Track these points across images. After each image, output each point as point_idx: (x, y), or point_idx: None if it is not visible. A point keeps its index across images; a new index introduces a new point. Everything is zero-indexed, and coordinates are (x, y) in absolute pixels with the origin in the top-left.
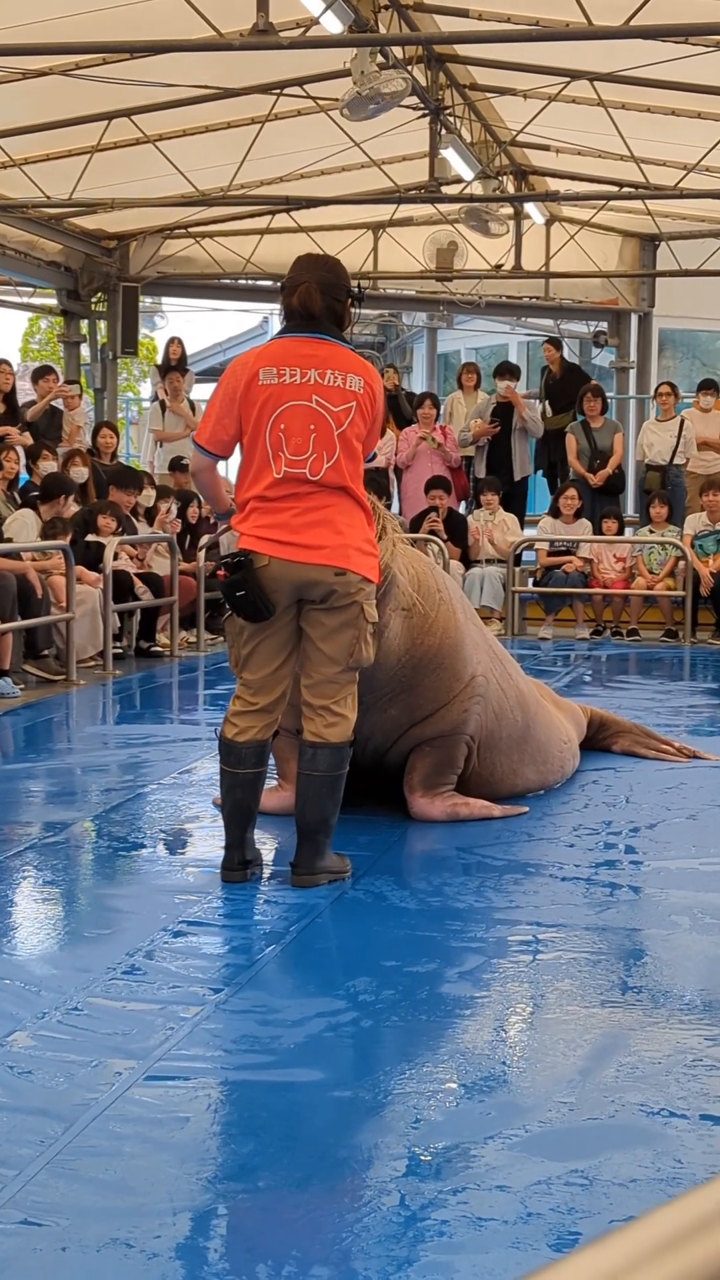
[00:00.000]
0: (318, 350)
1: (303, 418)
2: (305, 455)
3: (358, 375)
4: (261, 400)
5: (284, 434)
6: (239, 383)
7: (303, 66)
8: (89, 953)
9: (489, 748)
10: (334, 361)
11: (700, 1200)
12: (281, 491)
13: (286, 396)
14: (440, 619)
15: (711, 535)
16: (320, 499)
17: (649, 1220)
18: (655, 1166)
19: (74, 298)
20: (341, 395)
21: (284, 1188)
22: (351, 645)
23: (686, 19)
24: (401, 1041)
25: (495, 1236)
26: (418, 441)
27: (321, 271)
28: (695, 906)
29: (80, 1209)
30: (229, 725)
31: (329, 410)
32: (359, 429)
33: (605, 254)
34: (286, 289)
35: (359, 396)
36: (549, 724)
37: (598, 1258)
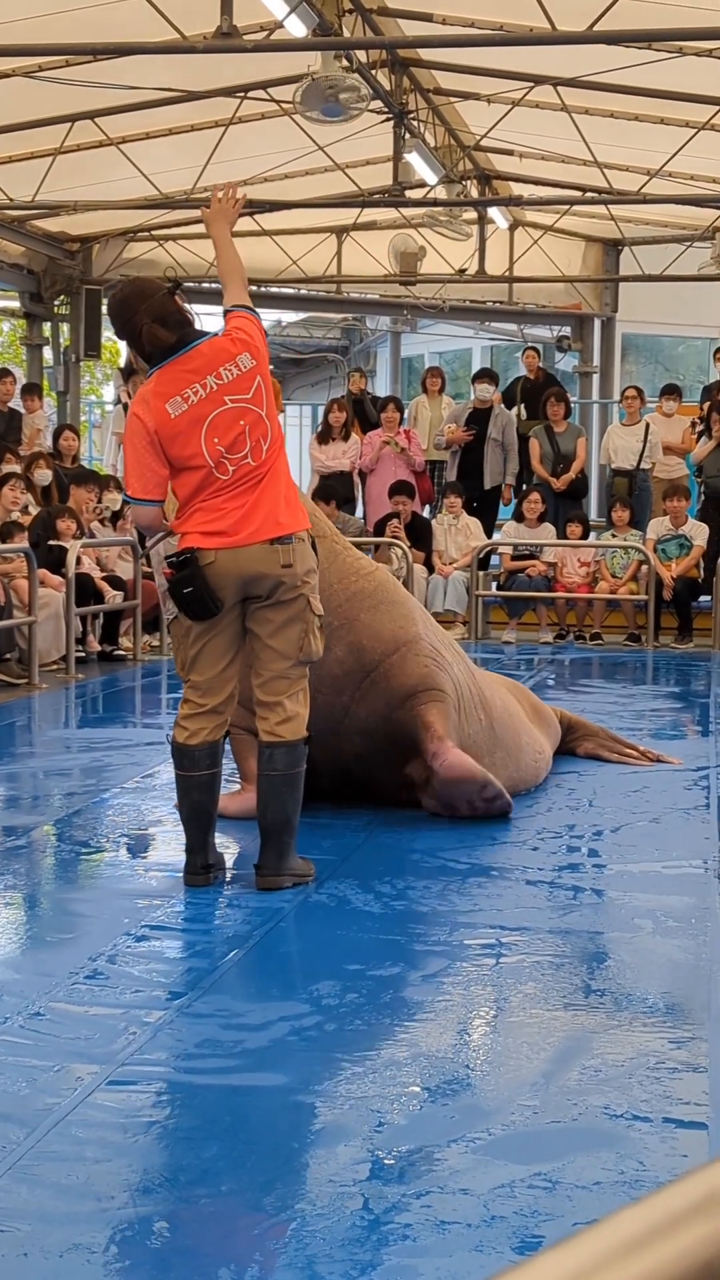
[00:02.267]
0: (197, 359)
1: (229, 420)
2: (244, 450)
3: (242, 352)
4: (183, 428)
5: (219, 443)
6: (149, 427)
7: (266, 70)
8: (51, 957)
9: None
10: (219, 358)
11: (664, 1201)
12: (230, 489)
13: (205, 411)
14: (377, 575)
15: (674, 539)
16: (259, 486)
17: (612, 1221)
18: (618, 1169)
19: (36, 300)
20: (245, 380)
21: (247, 1192)
22: (300, 639)
23: (649, 24)
24: (365, 1045)
25: (458, 1239)
26: (381, 446)
27: (142, 302)
28: (658, 910)
29: (42, 1214)
30: (180, 729)
31: (244, 400)
32: (267, 389)
33: (569, 259)
34: (130, 339)
35: (254, 369)
36: (517, 728)
37: (561, 1260)
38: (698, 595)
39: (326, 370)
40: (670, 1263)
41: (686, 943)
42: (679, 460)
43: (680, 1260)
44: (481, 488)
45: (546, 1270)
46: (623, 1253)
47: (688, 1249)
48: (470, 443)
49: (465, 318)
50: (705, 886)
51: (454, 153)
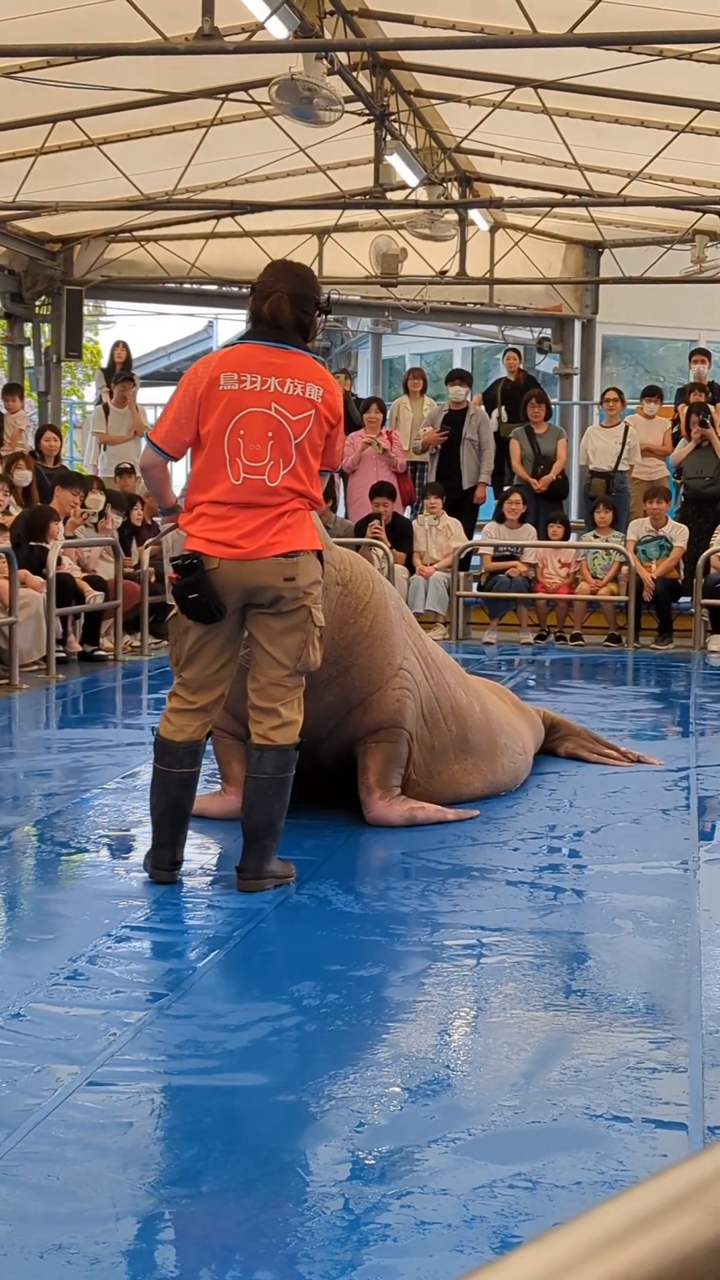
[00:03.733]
0: (279, 359)
1: (261, 424)
2: (263, 462)
3: (317, 385)
4: (222, 405)
5: (242, 439)
6: (200, 385)
7: (248, 71)
8: (31, 958)
9: (425, 757)
10: (294, 370)
11: (641, 1197)
12: (237, 498)
13: (246, 403)
14: (374, 602)
15: (654, 541)
16: (273, 509)
17: (589, 1217)
18: (598, 1169)
19: (18, 300)
20: (300, 404)
21: (227, 1192)
22: (299, 649)
23: (629, 28)
24: (345, 1046)
25: (438, 1240)
26: (363, 446)
27: (295, 282)
28: (638, 910)
29: (22, 1215)
30: (166, 724)
31: (287, 419)
32: (315, 439)
33: (549, 261)
34: (258, 294)
35: (317, 405)
36: (494, 733)
37: (538, 1255)
38: (678, 596)
39: None
40: (647, 1258)
41: (666, 943)
42: (659, 462)
43: (657, 1255)
44: (460, 488)
45: (523, 1266)
46: (600, 1248)
47: (665, 1244)
48: (447, 444)
49: (446, 319)
50: (685, 887)
51: (435, 155)
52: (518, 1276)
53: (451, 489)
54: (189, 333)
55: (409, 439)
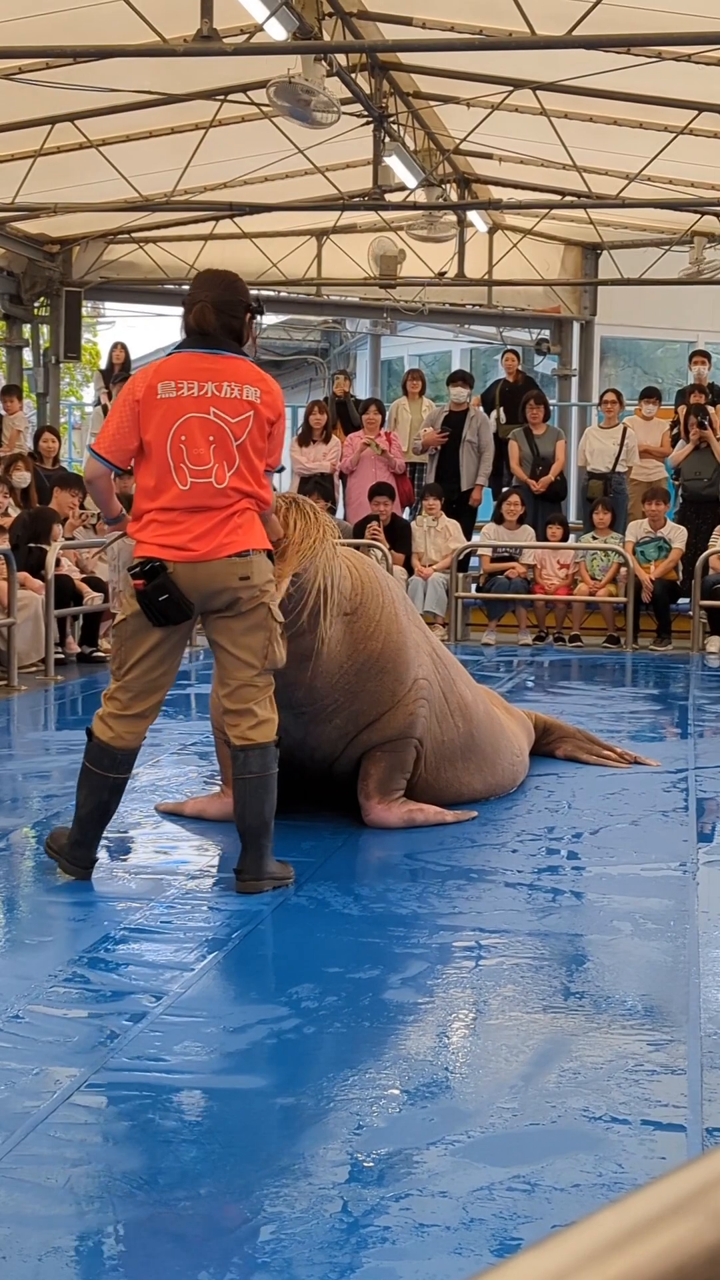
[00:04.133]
0: (214, 364)
1: (202, 429)
2: (208, 465)
3: (254, 386)
4: (161, 412)
5: (185, 445)
6: (139, 394)
7: (247, 73)
8: (31, 960)
9: (433, 754)
10: (230, 374)
11: (639, 1204)
12: (187, 504)
13: (185, 409)
14: (383, 622)
15: (653, 542)
16: (222, 511)
17: (587, 1224)
18: (597, 1171)
19: (16, 302)
20: (238, 406)
21: (226, 1195)
22: (264, 648)
23: (628, 29)
24: (344, 1048)
25: (437, 1242)
26: (362, 447)
27: (218, 290)
28: (637, 912)
29: (21, 1217)
30: (104, 727)
31: (227, 422)
32: (257, 439)
33: (548, 262)
34: (185, 305)
35: (256, 406)
36: (496, 734)
37: (535, 1262)
38: (676, 598)
39: (306, 372)
40: (644, 1265)
41: (665, 945)
42: (658, 463)
43: (655, 1263)
44: (459, 489)
45: (521, 1273)
46: (598, 1255)
47: (662, 1251)
48: (446, 445)
49: (445, 320)
50: (684, 889)
51: (433, 156)
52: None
53: (451, 490)
54: None
55: (408, 440)
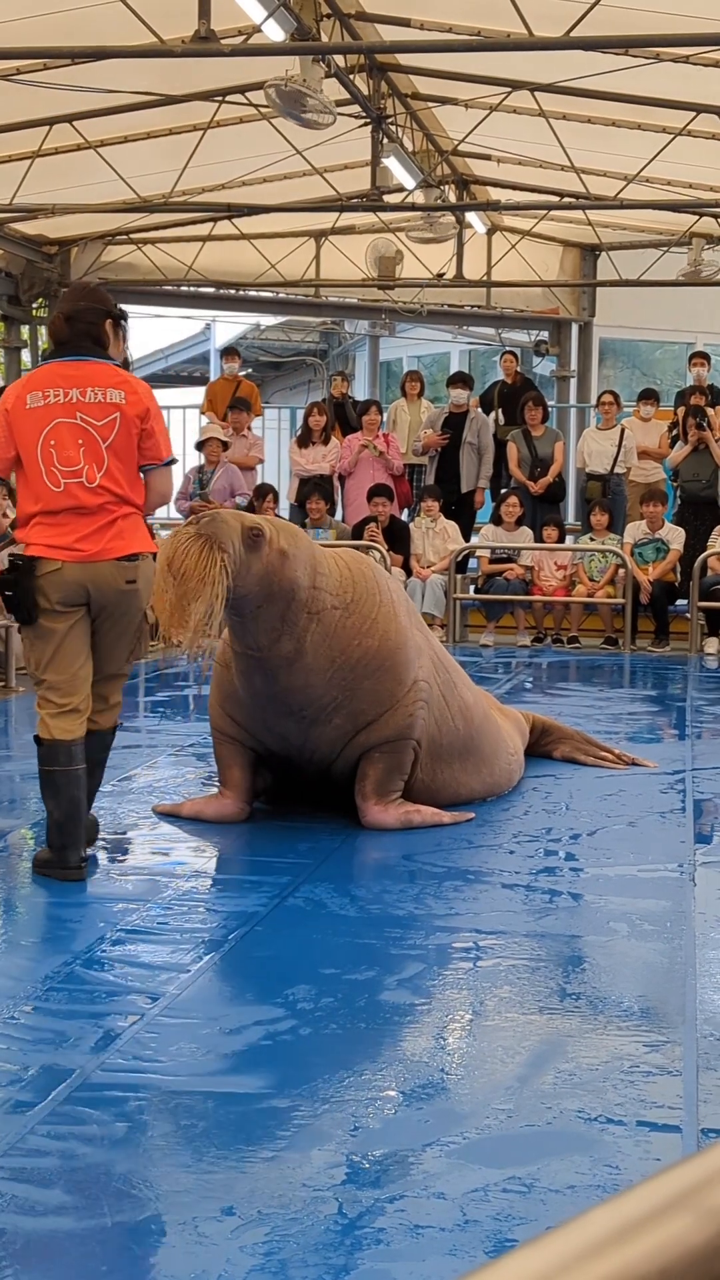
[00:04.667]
0: (78, 370)
1: (70, 433)
2: (77, 466)
3: (118, 389)
4: (31, 421)
5: (54, 449)
6: (9, 408)
7: (244, 74)
8: (27, 961)
9: (431, 755)
10: (94, 380)
11: (625, 1206)
12: (64, 504)
13: (53, 415)
14: (380, 620)
15: (651, 543)
16: (104, 514)
17: (580, 1222)
18: (593, 1173)
19: (15, 303)
20: (103, 409)
21: (221, 1196)
22: (134, 644)
23: (626, 30)
24: (340, 1049)
25: (433, 1244)
26: (360, 449)
27: (74, 301)
28: (634, 913)
29: (16, 1218)
30: (48, 729)
31: (93, 424)
32: (125, 440)
33: (546, 263)
34: (50, 317)
35: (121, 408)
36: (495, 736)
37: (522, 1262)
38: (674, 599)
39: (305, 374)
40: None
41: (662, 946)
42: (656, 465)
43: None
44: (459, 491)
45: (513, 1271)
46: (589, 1253)
47: (653, 1249)
48: (446, 447)
49: (443, 322)
50: (681, 890)
51: (432, 157)
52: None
53: (451, 492)
54: (186, 335)
55: (406, 442)
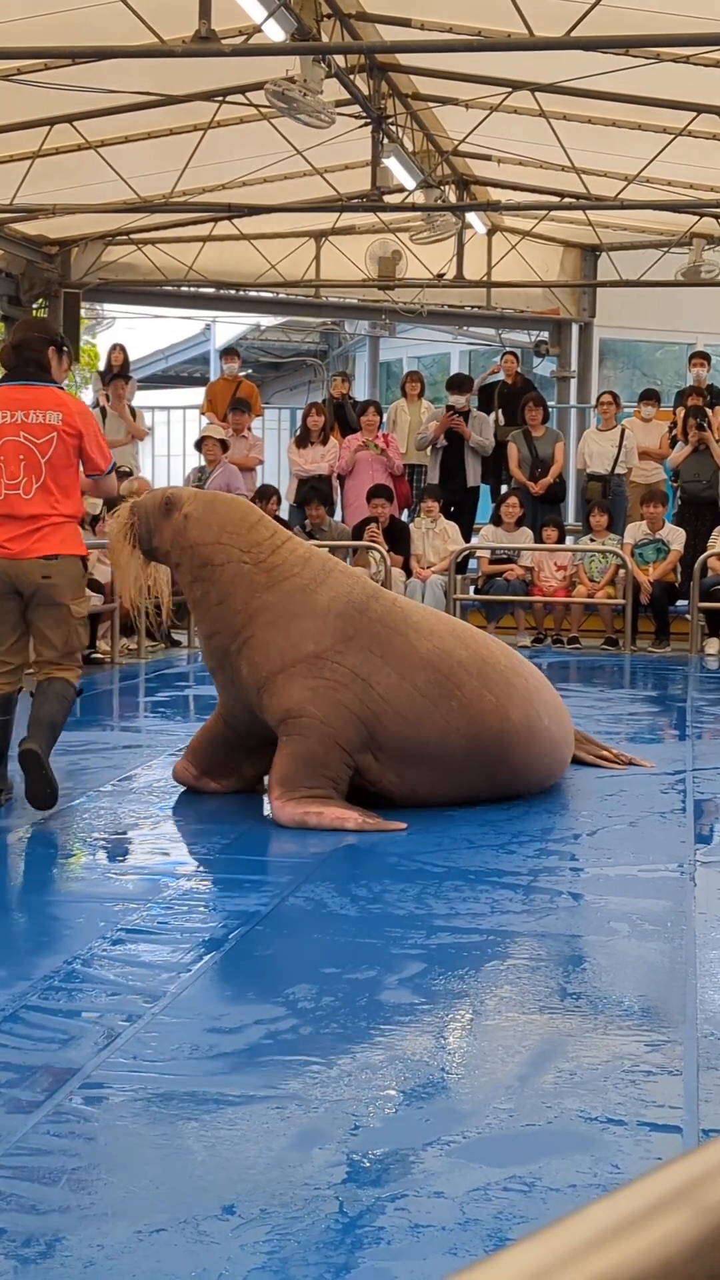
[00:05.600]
0: (25, 394)
1: (14, 450)
2: (18, 479)
3: (56, 411)
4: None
5: (2, 464)
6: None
7: (245, 74)
8: (27, 961)
9: (409, 763)
10: (37, 403)
11: (627, 1199)
12: (3, 511)
13: (4, 434)
14: (286, 585)
15: (651, 544)
16: (34, 521)
17: (578, 1217)
18: (593, 1172)
19: (15, 303)
20: (43, 430)
21: (222, 1195)
22: (66, 635)
23: (626, 31)
24: (341, 1048)
25: (433, 1243)
26: (358, 448)
27: (20, 333)
28: (634, 913)
29: (16, 1217)
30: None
31: (34, 442)
32: (62, 455)
33: (546, 264)
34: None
35: (58, 428)
36: (526, 747)
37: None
38: (675, 600)
39: (305, 374)
40: (632, 1258)
41: (662, 946)
42: (656, 465)
43: (642, 1256)
44: (464, 488)
45: (511, 1266)
46: (586, 1249)
47: (650, 1245)
48: (449, 446)
49: (443, 322)
50: (681, 890)
51: (432, 158)
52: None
53: (454, 489)
54: (186, 335)
55: (406, 442)
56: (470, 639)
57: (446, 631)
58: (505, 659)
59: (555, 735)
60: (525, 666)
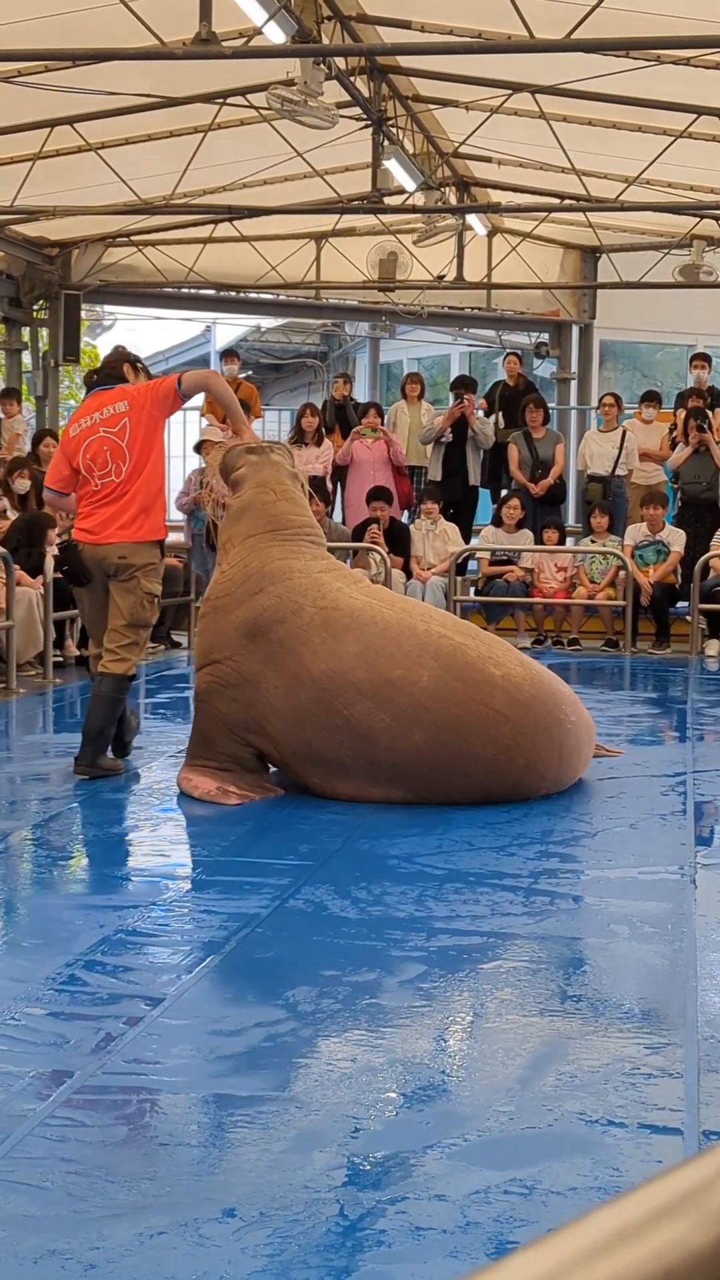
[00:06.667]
0: (99, 397)
1: (99, 445)
2: (107, 469)
3: (121, 400)
4: (75, 446)
5: (91, 462)
6: (64, 439)
7: (245, 76)
8: (27, 963)
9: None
10: (107, 400)
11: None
12: (96, 499)
13: (85, 437)
14: (219, 603)
15: (651, 545)
16: (120, 502)
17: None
18: (594, 1175)
19: (16, 305)
20: (115, 419)
21: (222, 1198)
22: (134, 607)
23: (627, 33)
24: (341, 1051)
25: (434, 1246)
26: (354, 438)
27: (105, 359)
28: (634, 915)
29: (16, 1220)
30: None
31: (111, 431)
32: (139, 432)
33: (547, 265)
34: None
35: (125, 412)
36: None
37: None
38: (675, 601)
39: (305, 375)
40: (636, 1265)
41: (663, 948)
42: (657, 467)
43: (646, 1263)
44: (465, 486)
45: (514, 1273)
46: (589, 1256)
47: (654, 1252)
48: (451, 445)
49: (444, 324)
50: (681, 892)
51: (432, 159)
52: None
53: (456, 489)
54: (187, 337)
55: (407, 443)
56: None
57: (353, 655)
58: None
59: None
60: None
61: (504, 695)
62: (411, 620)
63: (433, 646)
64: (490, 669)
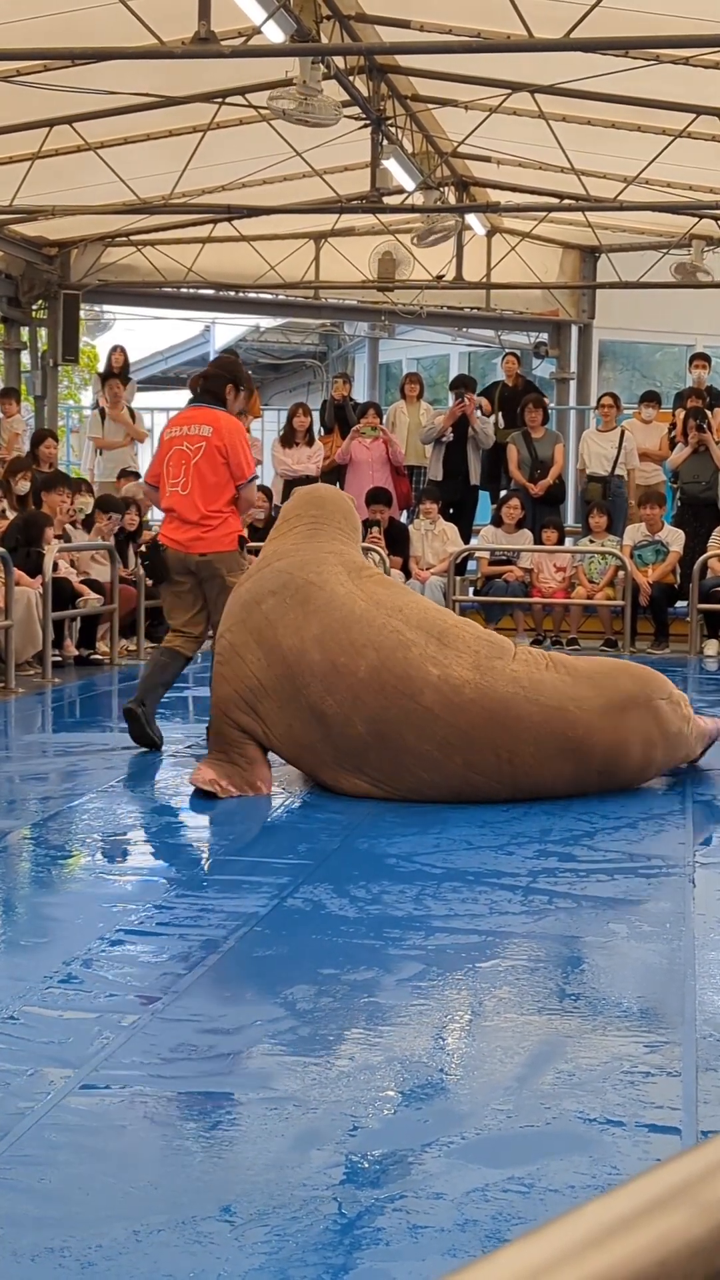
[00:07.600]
0: (194, 414)
1: (179, 457)
2: (178, 480)
3: (209, 425)
4: (164, 448)
5: (169, 468)
6: (161, 438)
7: (244, 75)
8: (26, 961)
9: (284, 741)
10: (197, 420)
11: (628, 1195)
12: (173, 504)
13: (172, 445)
14: (254, 568)
15: (650, 545)
16: (193, 511)
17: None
18: (592, 1173)
19: (14, 305)
20: (197, 439)
21: (220, 1196)
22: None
23: (626, 32)
24: (339, 1049)
25: (432, 1244)
26: (353, 437)
27: (210, 368)
28: (633, 914)
29: (14, 1218)
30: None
31: (191, 450)
32: (209, 461)
33: (546, 265)
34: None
35: (207, 439)
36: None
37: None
38: (674, 601)
39: (304, 376)
40: (631, 1257)
41: (661, 947)
42: (656, 467)
43: (641, 1254)
44: (465, 485)
45: (505, 1265)
46: (584, 1247)
47: (649, 1243)
48: (451, 444)
49: (443, 324)
50: (680, 891)
51: (431, 159)
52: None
53: (456, 488)
54: (186, 337)
55: (406, 443)
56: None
57: (313, 636)
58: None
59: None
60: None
61: (435, 694)
62: (376, 613)
63: (378, 639)
64: (428, 667)
